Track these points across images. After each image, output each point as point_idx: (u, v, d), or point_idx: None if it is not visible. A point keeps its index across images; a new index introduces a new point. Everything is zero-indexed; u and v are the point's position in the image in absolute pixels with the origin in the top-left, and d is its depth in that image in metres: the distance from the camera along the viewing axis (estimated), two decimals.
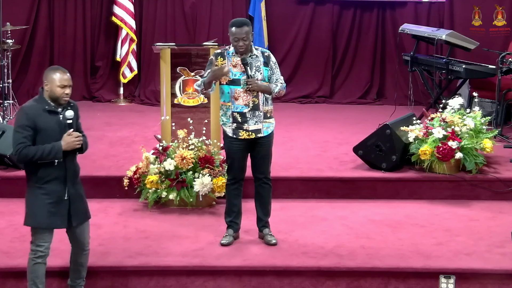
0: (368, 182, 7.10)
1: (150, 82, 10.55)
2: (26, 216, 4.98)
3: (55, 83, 4.87)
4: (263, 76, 5.74)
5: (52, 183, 4.90)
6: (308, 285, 5.53)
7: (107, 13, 10.44)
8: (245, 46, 5.68)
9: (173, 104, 7.07)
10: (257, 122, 5.75)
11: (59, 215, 4.95)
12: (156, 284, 5.54)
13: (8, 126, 7.62)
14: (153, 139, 7.24)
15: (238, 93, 5.71)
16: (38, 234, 4.96)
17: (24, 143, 4.80)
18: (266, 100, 5.78)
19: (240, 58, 5.70)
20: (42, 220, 4.92)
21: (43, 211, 4.90)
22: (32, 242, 5.00)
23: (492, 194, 7.03)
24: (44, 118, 4.86)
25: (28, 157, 4.82)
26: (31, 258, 5.00)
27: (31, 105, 4.91)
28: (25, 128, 4.82)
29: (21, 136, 4.82)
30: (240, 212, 6.01)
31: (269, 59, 5.81)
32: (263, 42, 10.39)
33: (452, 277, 5.40)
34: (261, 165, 5.87)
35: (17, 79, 10.12)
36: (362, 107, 10.38)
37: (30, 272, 5.01)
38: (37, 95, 4.95)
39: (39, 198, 4.90)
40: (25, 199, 4.99)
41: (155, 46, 7.18)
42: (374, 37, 10.68)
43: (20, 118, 4.87)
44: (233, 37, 5.67)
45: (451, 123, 7.13)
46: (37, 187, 4.90)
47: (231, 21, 5.75)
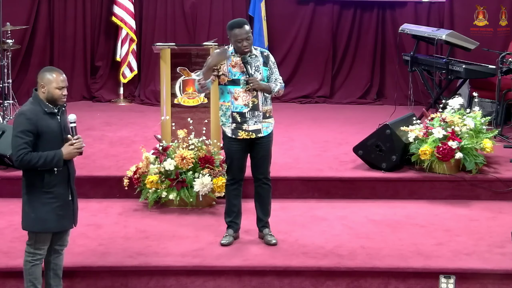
0: (368, 182, 7.10)
1: (150, 82, 10.55)
2: (31, 221, 4.88)
3: (52, 84, 4.83)
4: (262, 76, 5.74)
5: (58, 186, 4.87)
6: (308, 285, 5.53)
7: (107, 13, 10.44)
8: (249, 45, 5.68)
9: (173, 104, 7.07)
10: (256, 122, 5.75)
11: (66, 217, 4.94)
12: (156, 284, 5.54)
13: (8, 126, 7.62)
14: (153, 139, 7.24)
15: (237, 93, 5.71)
16: (41, 238, 4.93)
17: (25, 149, 4.73)
18: (266, 99, 5.78)
19: (240, 58, 5.71)
20: (52, 225, 4.88)
21: (52, 216, 4.86)
22: (30, 245, 4.95)
23: (492, 194, 7.03)
24: (45, 121, 4.81)
25: (30, 164, 4.76)
26: (28, 261, 4.95)
27: (30, 108, 4.83)
28: (26, 134, 4.74)
29: (22, 141, 4.74)
30: (240, 212, 6.01)
31: (268, 59, 5.81)
32: (263, 42, 10.39)
33: (452, 277, 5.40)
34: (261, 165, 5.87)
35: (17, 79, 10.12)
36: (362, 107, 10.38)
37: (28, 274, 4.97)
38: (31, 98, 4.87)
39: (47, 202, 4.84)
40: (26, 204, 4.89)
41: (155, 46, 7.18)
42: (374, 37, 10.67)
43: (21, 122, 4.78)
44: (236, 38, 5.65)
45: (451, 123, 7.13)
46: (44, 192, 4.84)
47: (229, 23, 5.72)
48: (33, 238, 4.94)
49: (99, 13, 10.54)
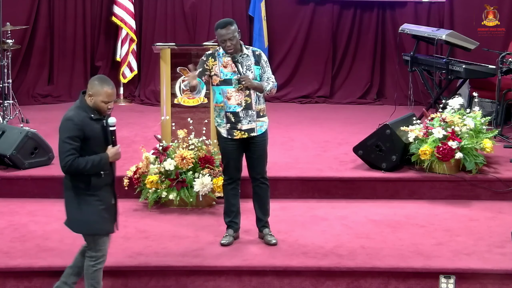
0: (368, 182, 7.10)
1: (150, 82, 10.55)
2: (85, 225, 4.88)
3: (100, 97, 4.82)
4: (254, 75, 5.74)
5: (103, 189, 4.90)
6: (308, 285, 5.53)
7: (107, 13, 10.45)
8: (233, 46, 5.68)
9: (173, 104, 7.07)
10: (250, 121, 5.75)
11: (110, 220, 4.98)
12: (156, 284, 5.54)
13: (8, 126, 7.63)
14: (153, 139, 7.24)
15: (230, 93, 5.71)
16: (98, 240, 4.94)
17: (73, 155, 4.73)
18: (259, 98, 5.79)
19: (230, 57, 5.71)
20: (99, 226, 4.91)
21: (98, 218, 4.88)
22: (90, 249, 4.95)
23: (492, 194, 7.03)
24: (91, 126, 4.81)
25: (78, 170, 4.76)
26: (91, 265, 4.95)
27: (77, 113, 4.80)
28: (74, 139, 4.73)
29: (70, 147, 4.73)
30: (239, 212, 6.01)
31: (260, 57, 5.82)
32: (263, 42, 10.39)
33: (452, 277, 5.40)
34: (257, 165, 5.87)
35: (17, 79, 10.12)
36: (362, 107, 10.38)
37: (90, 278, 4.97)
38: (78, 102, 4.86)
39: (93, 204, 4.86)
40: (73, 206, 4.89)
41: (155, 46, 7.19)
42: (374, 37, 10.67)
43: (69, 128, 4.75)
44: (220, 39, 5.68)
45: (451, 123, 7.13)
46: (89, 195, 4.85)
47: (215, 24, 5.75)
48: (92, 241, 4.95)
49: (99, 13, 10.55)
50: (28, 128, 7.63)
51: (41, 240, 5.97)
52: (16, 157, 7.11)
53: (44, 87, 10.47)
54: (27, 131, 7.33)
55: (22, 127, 7.80)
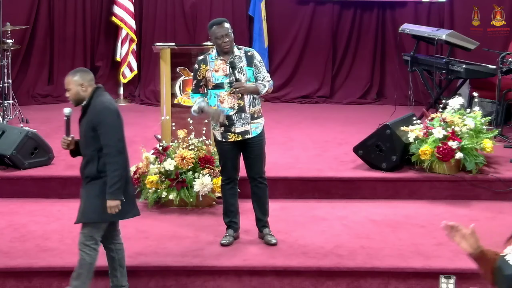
0: (368, 182, 7.10)
1: (150, 82, 10.55)
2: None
3: None
4: (246, 77, 5.74)
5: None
6: (308, 285, 5.53)
7: (107, 13, 10.45)
8: (230, 42, 5.68)
9: (173, 104, 7.07)
10: (244, 124, 5.73)
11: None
12: (156, 284, 5.54)
13: (8, 126, 7.63)
14: (153, 139, 7.23)
15: (223, 96, 5.71)
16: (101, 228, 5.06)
17: None
18: (254, 99, 5.78)
19: (222, 60, 5.70)
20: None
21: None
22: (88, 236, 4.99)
23: (492, 194, 7.03)
24: None
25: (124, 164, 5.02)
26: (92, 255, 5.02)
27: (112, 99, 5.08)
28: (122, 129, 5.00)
29: None
30: (238, 212, 6.01)
31: (253, 58, 5.80)
32: (263, 42, 10.40)
33: (452, 277, 5.40)
34: (255, 165, 5.86)
35: (17, 79, 10.12)
36: (362, 107, 10.38)
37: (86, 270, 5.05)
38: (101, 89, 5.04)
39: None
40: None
41: (155, 46, 7.19)
42: (374, 37, 10.67)
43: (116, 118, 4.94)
44: (216, 36, 5.69)
45: (451, 123, 7.13)
46: None
47: (209, 24, 5.76)
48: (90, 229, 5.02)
49: (99, 13, 10.55)
50: (28, 128, 7.63)
51: (41, 240, 5.96)
52: (16, 157, 7.11)
53: (44, 87, 10.47)
54: (27, 131, 7.33)
55: (22, 127, 7.80)
